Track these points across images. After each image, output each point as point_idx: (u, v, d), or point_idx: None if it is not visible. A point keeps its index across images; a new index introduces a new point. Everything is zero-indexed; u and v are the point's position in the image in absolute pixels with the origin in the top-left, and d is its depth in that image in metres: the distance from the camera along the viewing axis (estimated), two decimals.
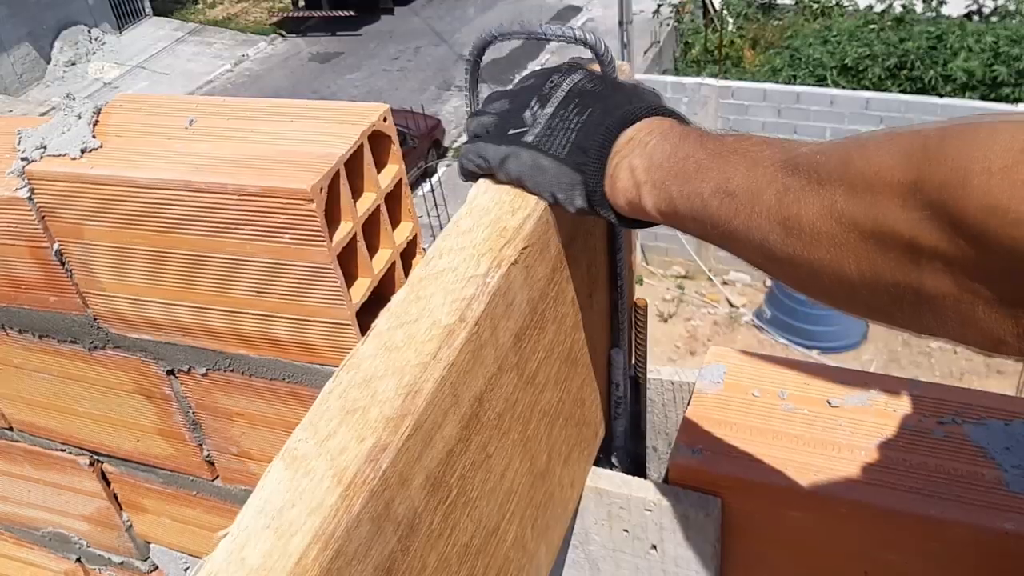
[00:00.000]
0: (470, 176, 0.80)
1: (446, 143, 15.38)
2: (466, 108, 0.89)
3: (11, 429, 1.38)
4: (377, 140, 1.00)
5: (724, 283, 11.03)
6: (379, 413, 0.54)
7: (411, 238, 1.10)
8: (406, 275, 1.08)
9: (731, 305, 10.75)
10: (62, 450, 1.36)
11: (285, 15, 21.12)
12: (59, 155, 1.02)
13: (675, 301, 10.79)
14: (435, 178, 12.68)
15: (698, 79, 10.83)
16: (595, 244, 0.88)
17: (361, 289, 1.00)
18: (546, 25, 0.82)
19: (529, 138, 0.75)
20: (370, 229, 1.02)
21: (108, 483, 1.38)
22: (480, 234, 0.69)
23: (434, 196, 11.15)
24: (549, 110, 0.76)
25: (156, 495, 1.35)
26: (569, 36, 0.80)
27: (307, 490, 0.49)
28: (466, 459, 0.62)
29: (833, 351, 9.80)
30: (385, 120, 1.01)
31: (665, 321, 10.37)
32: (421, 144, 13.93)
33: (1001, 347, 0.51)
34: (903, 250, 0.52)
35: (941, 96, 10.15)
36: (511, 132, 0.76)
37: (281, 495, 0.49)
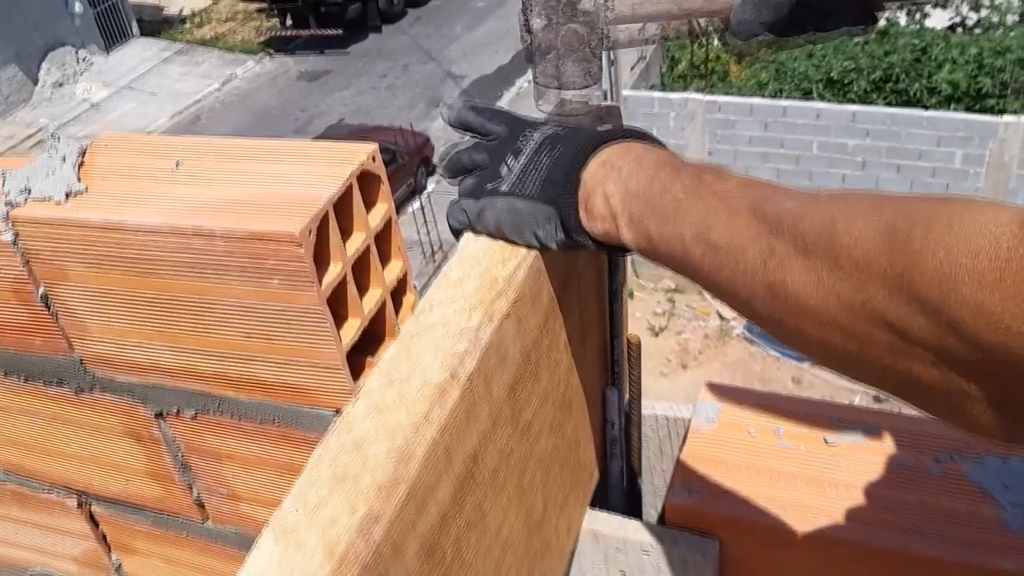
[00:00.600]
0: (455, 233, 0.81)
1: (435, 160, 15.38)
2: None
3: None
4: (366, 179, 0.99)
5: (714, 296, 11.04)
6: (371, 480, 0.53)
7: (401, 276, 1.09)
8: (397, 314, 1.07)
9: (722, 318, 10.76)
10: (50, 491, 1.34)
11: (273, 34, 21.14)
12: (44, 199, 1.01)
13: (666, 315, 10.80)
14: (424, 195, 12.69)
15: (685, 94, 10.88)
16: (587, 286, 0.87)
17: (351, 330, 0.99)
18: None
19: (504, 187, 0.75)
20: (359, 268, 1.01)
21: (96, 524, 1.36)
22: (471, 285, 0.68)
23: (423, 213, 11.16)
24: (523, 160, 0.76)
25: (145, 536, 1.33)
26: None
27: (298, 565, 0.48)
28: (460, 520, 0.61)
29: None
30: (374, 159, 1.00)
31: (656, 335, 10.38)
32: (410, 161, 13.94)
33: (987, 435, 0.50)
34: (892, 336, 0.50)
35: (927, 108, 10.22)
36: (488, 187, 0.77)
37: (272, 571, 0.48)
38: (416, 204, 11.94)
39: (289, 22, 21.00)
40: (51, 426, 1.23)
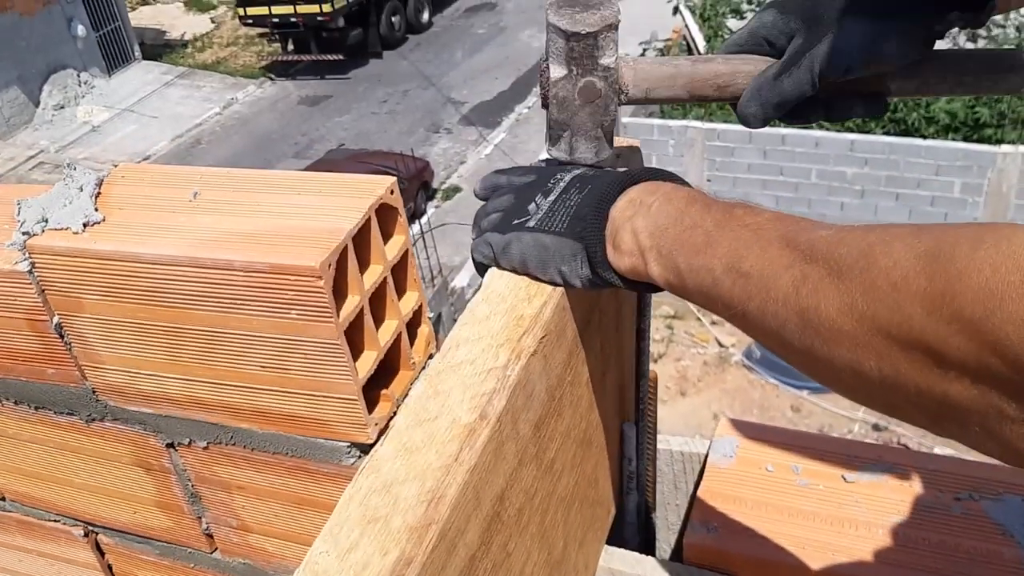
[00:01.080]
0: (480, 268, 0.81)
1: (434, 185, 15.44)
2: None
3: (3, 499, 1.35)
4: (383, 212, 1.00)
5: (713, 323, 11.05)
6: (402, 522, 0.52)
7: (416, 308, 1.08)
8: (411, 345, 1.06)
9: (720, 345, 10.76)
10: (56, 521, 1.33)
11: (274, 59, 21.27)
12: (61, 228, 1.01)
13: (664, 341, 10.80)
14: (424, 219, 12.72)
15: (684, 121, 10.95)
16: (607, 323, 0.87)
17: (368, 363, 0.99)
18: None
19: (531, 223, 0.75)
20: (376, 300, 1.01)
21: (103, 554, 1.35)
22: (497, 322, 0.68)
23: (423, 238, 11.18)
24: (552, 198, 0.76)
25: (152, 567, 1.32)
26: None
27: None
28: (487, 562, 0.61)
29: (823, 391, 9.80)
30: (392, 192, 1.00)
31: (655, 361, 10.36)
32: (410, 186, 13.99)
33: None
34: (928, 358, 0.50)
35: (925, 137, 10.27)
36: (515, 222, 0.77)
37: None
38: (415, 228, 11.97)
39: (290, 47, 21.13)
40: (60, 455, 1.23)
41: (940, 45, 0.84)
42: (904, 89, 0.86)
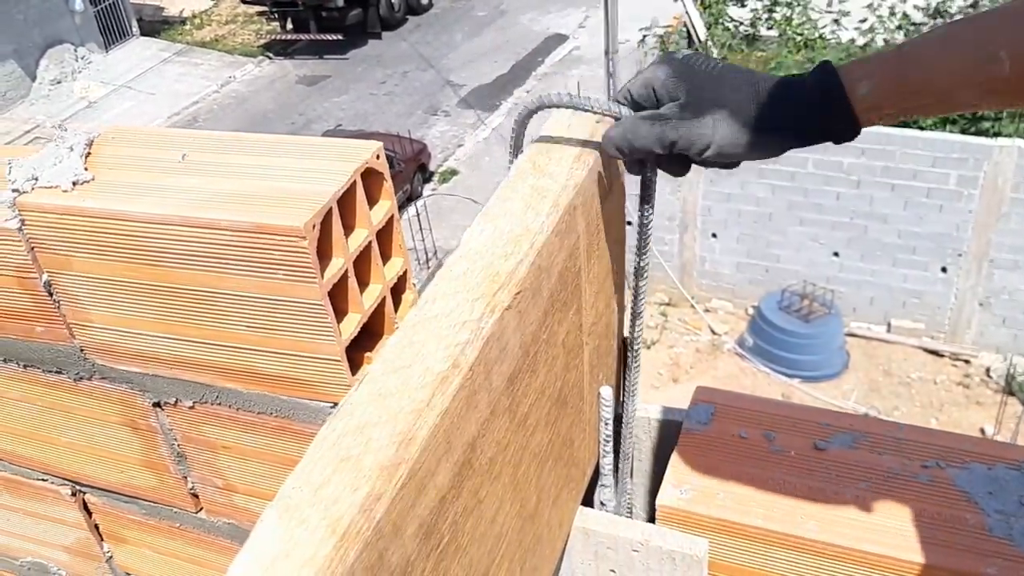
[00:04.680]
0: (638, 155, 0.90)
1: (432, 167, 15.42)
2: (509, 158, 0.97)
3: None
4: (369, 176, 1.01)
5: (707, 311, 11.08)
6: (373, 461, 0.54)
7: (401, 273, 1.10)
8: (396, 311, 1.08)
9: (713, 332, 10.79)
10: (43, 480, 1.35)
11: (273, 37, 21.16)
12: (50, 187, 1.02)
13: (658, 328, 10.82)
14: (420, 202, 12.71)
15: None
16: (586, 287, 0.89)
17: (351, 325, 1.00)
18: (592, 98, 0.93)
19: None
20: (360, 264, 1.02)
21: (90, 513, 1.37)
22: (474, 278, 0.69)
23: (419, 220, 11.18)
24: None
25: (138, 526, 1.34)
26: (614, 113, 0.91)
27: (301, 540, 0.49)
28: (458, 505, 0.62)
29: (814, 380, 9.84)
30: (378, 157, 1.01)
31: (648, 348, 10.39)
32: (407, 168, 13.96)
33: None
34: None
35: (922, 129, 10.27)
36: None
37: (275, 545, 0.49)
38: (412, 211, 11.96)
39: (289, 26, 21.03)
40: (47, 414, 1.24)
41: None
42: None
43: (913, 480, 0.94)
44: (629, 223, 1.08)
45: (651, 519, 1.01)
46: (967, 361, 10.17)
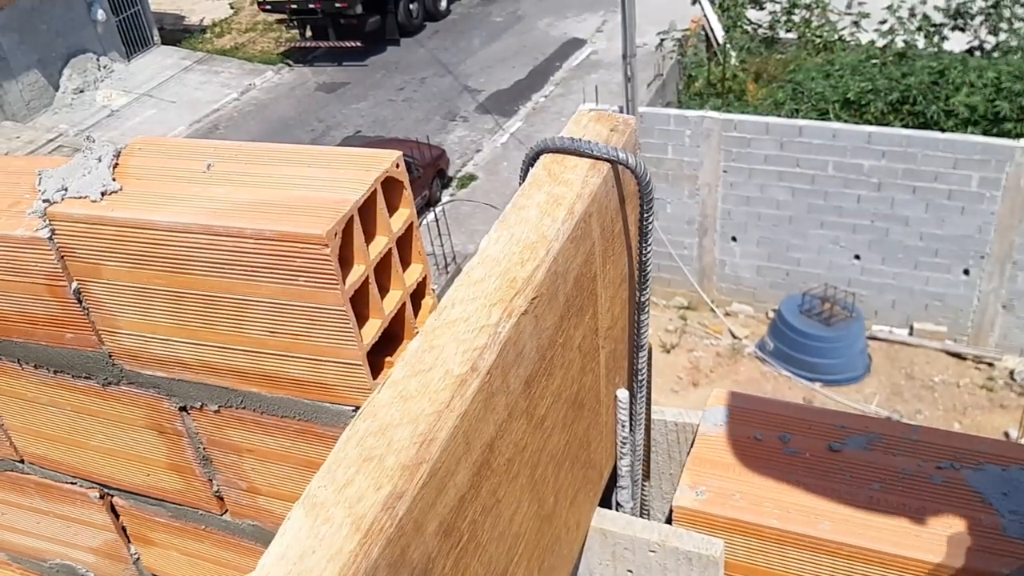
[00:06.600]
0: None
1: (450, 172, 15.47)
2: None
3: (22, 462, 1.40)
4: (389, 185, 1.03)
5: (727, 314, 11.05)
6: (395, 461, 0.56)
7: (421, 279, 1.12)
8: (416, 316, 1.10)
9: (734, 336, 10.76)
10: (72, 483, 1.38)
11: (292, 45, 21.34)
12: (80, 197, 1.05)
13: (678, 332, 10.80)
14: (439, 207, 12.76)
15: (701, 112, 10.92)
16: (602, 291, 0.90)
17: (372, 330, 1.02)
18: (592, 143, 0.92)
19: None
20: (381, 271, 1.04)
21: (117, 516, 1.40)
22: (491, 284, 0.71)
23: (438, 226, 11.21)
24: None
25: (164, 528, 1.36)
26: (612, 156, 0.90)
27: (327, 537, 0.51)
28: (477, 505, 0.64)
29: (836, 384, 9.79)
30: (398, 166, 1.04)
31: (668, 352, 10.38)
32: (425, 173, 14.02)
33: None
34: None
35: (943, 131, 10.20)
36: None
37: (301, 542, 0.51)
38: (430, 216, 12.01)
39: (309, 34, 21.19)
40: (77, 418, 1.27)
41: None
42: None
43: (928, 481, 0.94)
44: None
45: (668, 520, 1.02)
46: (990, 364, 10.09)
